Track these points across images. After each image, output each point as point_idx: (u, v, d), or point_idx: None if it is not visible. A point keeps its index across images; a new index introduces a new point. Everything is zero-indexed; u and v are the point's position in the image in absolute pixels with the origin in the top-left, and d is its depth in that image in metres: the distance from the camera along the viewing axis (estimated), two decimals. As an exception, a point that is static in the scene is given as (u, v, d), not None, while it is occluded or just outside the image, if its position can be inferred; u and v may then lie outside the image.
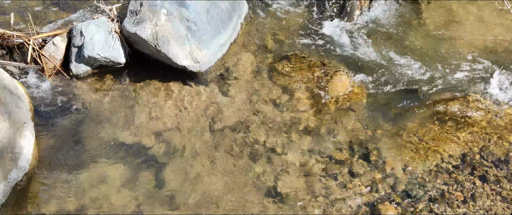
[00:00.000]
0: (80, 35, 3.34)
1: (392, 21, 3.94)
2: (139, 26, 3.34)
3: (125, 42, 3.46)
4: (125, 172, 2.99)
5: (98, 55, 3.33)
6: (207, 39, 3.47)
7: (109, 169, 3.00)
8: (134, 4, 3.43)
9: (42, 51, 3.27)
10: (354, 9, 3.98)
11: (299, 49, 3.70)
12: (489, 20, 3.95)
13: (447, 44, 3.77)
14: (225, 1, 3.60)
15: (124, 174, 2.98)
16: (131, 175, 2.98)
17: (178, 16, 3.37)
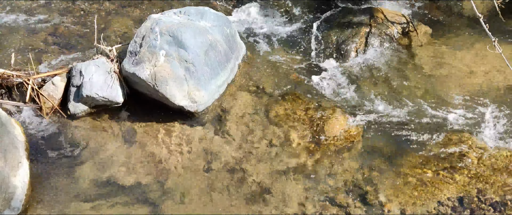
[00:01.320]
0: (79, 75, 3.39)
1: (387, 64, 4.02)
2: (138, 67, 3.39)
3: (123, 82, 3.51)
4: (121, 213, 2.94)
5: (97, 94, 3.37)
6: (205, 80, 3.52)
7: (105, 209, 2.96)
8: (134, 45, 3.50)
9: (41, 91, 3.30)
10: (349, 51, 4.07)
11: (296, 90, 3.75)
12: (480, 62, 4.03)
13: (441, 86, 3.83)
14: (223, 43, 3.68)
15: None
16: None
17: (177, 57, 3.44)
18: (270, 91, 3.74)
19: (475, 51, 4.14)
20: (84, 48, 3.88)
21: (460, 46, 4.21)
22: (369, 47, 4.11)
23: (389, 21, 4.27)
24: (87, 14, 4.26)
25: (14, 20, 4.08)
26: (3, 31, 3.95)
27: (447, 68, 3.99)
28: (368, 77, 3.88)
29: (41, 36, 3.96)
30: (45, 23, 4.09)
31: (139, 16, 4.29)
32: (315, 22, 4.40)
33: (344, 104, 3.65)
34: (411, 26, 4.30)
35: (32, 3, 4.29)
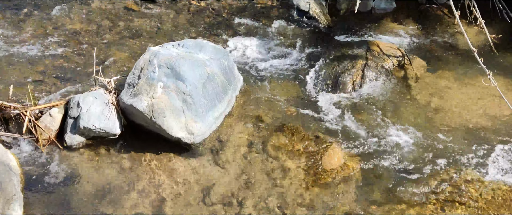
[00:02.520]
0: (77, 107, 3.39)
1: (384, 96, 4.05)
2: (136, 98, 3.41)
3: (121, 113, 3.51)
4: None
5: (94, 126, 3.36)
6: (203, 112, 3.53)
7: (97, 244, 2.90)
8: (132, 77, 3.53)
9: (38, 122, 3.30)
10: (346, 83, 4.10)
11: (293, 122, 3.76)
12: (477, 95, 4.07)
13: (438, 119, 3.85)
14: (221, 76, 3.71)
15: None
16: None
17: (175, 89, 3.46)
18: (267, 123, 3.74)
19: (470, 84, 4.19)
20: (83, 79, 3.91)
21: (456, 79, 4.26)
22: (366, 79, 4.16)
23: (385, 54, 4.34)
24: (86, 46, 4.31)
25: (13, 52, 4.13)
26: (1, 63, 3.98)
27: (444, 101, 4.02)
28: (365, 110, 3.90)
29: (40, 68, 3.99)
30: (44, 54, 4.13)
31: (138, 48, 4.34)
32: (312, 55, 4.46)
33: (342, 137, 3.65)
34: (407, 59, 4.36)
35: (31, 36, 4.35)
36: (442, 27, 4.96)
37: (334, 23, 4.97)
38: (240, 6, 5.07)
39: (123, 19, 4.71)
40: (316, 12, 4.96)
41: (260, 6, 5.09)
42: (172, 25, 4.72)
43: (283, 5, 5.05)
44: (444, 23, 5.01)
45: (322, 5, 5.10)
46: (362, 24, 4.99)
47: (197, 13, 4.92)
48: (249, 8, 5.06)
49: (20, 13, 4.61)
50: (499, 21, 4.85)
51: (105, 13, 4.77)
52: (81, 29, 4.50)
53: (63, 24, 4.54)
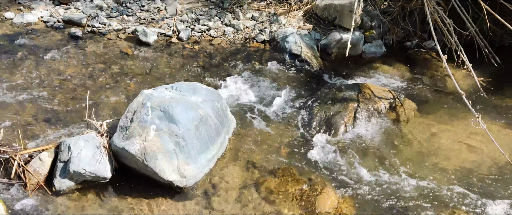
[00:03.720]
0: (67, 150, 3.35)
1: (376, 138, 4.07)
2: (128, 141, 3.38)
3: (112, 157, 3.47)
4: None
5: (84, 170, 3.31)
6: (195, 154, 3.51)
7: None
8: (125, 120, 3.52)
9: (27, 167, 3.25)
10: (338, 125, 4.13)
11: (286, 165, 3.74)
12: (466, 137, 4.11)
13: (430, 161, 3.85)
14: (214, 118, 3.71)
15: None
16: None
17: (168, 132, 3.44)
18: (260, 166, 3.71)
19: (460, 126, 4.23)
20: (75, 123, 3.89)
21: (446, 121, 4.31)
22: (358, 121, 4.19)
23: (376, 96, 4.40)
24: (80, 89, 4.32)
25: (6, 95, 4.12)
26: (-6, 107, 3.97)
27: (435, 142, 4.05)
28: (358, 152, 3.90)
29: (31, 111, 3.97)
30: (37, 98, 4.13)
31: (132, 92, 4.36)
32: (304, 97, 4.51)
33: (335, 179, 3.63)
34: (398, 102, 4.42)
35: (25, 79, 4.36)
36: (430, 70, 5.08)
37: (325, 66, 5.07)
38: (233, 50, 5.17)
39: (117, 63, 4.76)
40: (308, 55, 5.06)
41: (253, 50, 5.20)
42: (166, 68, 4.77)
43: (276, 49, 5.15)
44: (433, 66, 5.14)
45: (314, 49, 5.22)
46: (353, 67, 5.09)
47: (190, 57, 5.00)
48: (242, 51, 5.16)
49: (15, 57, 4.64)
50: (486, 65, 4.98)
51: (100, 57, 4.82)
52: (75, 73, 4.53)
53: (57, 68, 4.57)
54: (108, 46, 5.00)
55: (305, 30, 5.48)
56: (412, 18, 5.49)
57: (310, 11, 5.68)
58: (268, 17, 5.69)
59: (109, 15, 5.49)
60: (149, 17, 5.55)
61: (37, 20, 5.25)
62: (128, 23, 5.39)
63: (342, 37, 5.22)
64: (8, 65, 4.51)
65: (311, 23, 5.59)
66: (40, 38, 4.98)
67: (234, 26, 5.51)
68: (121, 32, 5.25)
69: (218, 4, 5.90)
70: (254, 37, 5.38)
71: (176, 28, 5.37)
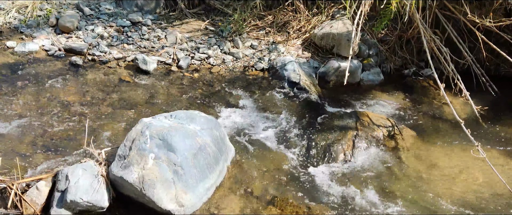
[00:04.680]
0: (65, 179, 3.33)
1: (375, 167, 4.05)
2: (126, 170, 3.37)
3: (110, 185, 3.44)
4: None
5: (81, 199, 3.28)
6: (193, 183, 3.48)
7: None
8: (123, 149, 3.51)
9: (24, 196, 3.22)
10: (337, 153, 4.12)
11: (285, 194, 3.70)
12: (467, 166, 4.09)
13: (430, 189, 3.83)
14: (212, 146, 3.71)
15: None
16: None
17: (166, 160, 3.43)
18: (259, 194, 3.68)
19: (459, 155, 4.22)
20: (73, 151, 3.87)
21: (445, 149, 4.31)
22: (357, 149, 4.18)
23: (375, 124, 4.41)
24: (79, 117, 4.33)
25: (5, 124, 4.12)
26: (-7, 135, 3.97)
27: (434, 171, 4.03)
28: (357, 180, 3.88)
29: (29, 140, 3.96)
30: (35, 126, 4.13)
31: (130, 120, 4.37)
32: (303, 125, 4.52)
33: (334, 208, 3.59)
34: (396, 130, 4.43)
35: (24, 108, 4.37)
36: (428, 98, 5.11)
37: (324, 94, 5.10)
38: (232, 78, 5.21)
39: (116, 91, 4.79)
40: (307, 83, 5.10)
41: (251, 78, 5.24)
42: (165, 96, 4.80)
43: (275, 77, 5.20)
44: (431, 94, 5.18)
45: (312, 77, 5.26)
46: (351, 95, 5.12)
47: (190, 84, 5.03)
48: (241, 79, 5.20)
49: (15, 85, 4.67)
50: (484, 93, 5.02)
51: (99, 84, 4.86)
52: (74, 101, 4.55)
53: (57, 96, 4.59)
54: (108, 74, 5.04)
55: (304, 58, 5.54)
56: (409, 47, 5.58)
57: (309, 39, 5.77)
58: (267, 45, 5.76)
59: (110, 44, 5.56)
60: (149, 46, 5.62)
61: (39, 49, 5.31)
62: (128, 52, 5.46)
63: (340, 65, 5.28)
64: (8, 93, 4.54)
65: (310, 51, 5.66)
66: (41, 66, 5.03)
67: (233, 55, 5.58)
68: (122, 60, 5.30)
69: (218, 32, 5.99)
70: (253, 65, 5.43)
71: (176, 56, 5.43)
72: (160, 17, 6.30)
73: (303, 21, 5.92)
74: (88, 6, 6.20)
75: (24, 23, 5.72)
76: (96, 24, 5.87)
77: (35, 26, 5.68)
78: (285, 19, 6.02)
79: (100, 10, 6.23)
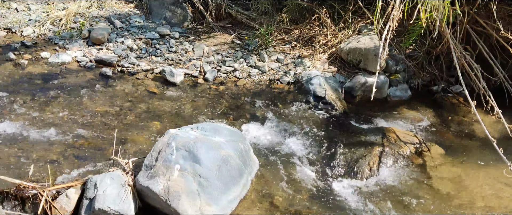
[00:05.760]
0: (94, 188, 3.40)
1: (402, 183, 3.97)
2: (152, 180, 3.41)
3: (136, 195, 3.49)
4: None
5: (109, 208, 3.33)
6: (217, 195, 3.49)
7: None
8: (150, 159, 3.56)
9: (54, 203, 3.30)
10: (363, 169, 4.06)
11: (309, 208, 3.67)
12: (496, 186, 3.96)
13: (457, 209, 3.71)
14: (237, 159, 3.72)
15: None
16: None
17: (191, 172, 3.46)
18: (282, 209, 3.66)
19: (490, 174, 4.09)
20: (102, 160, 3.96)
21: (475, 168, 4.18)
22: (383, 166, 4.11)
23: (402, 141, 4.33)
24: (107, 127, 4.43)
25: (38, 132, 4.25)
26: (26, 143, 4.09)
27: (463, 190, 3.92)
28: (383, 197, 3.81)
29: (60, 148, 4.07)
30: (66, 135, 4.25)
31: (157, 130, 4.44)
32: (328, 140, 4.48)
33: (360, 226, 3.53)
34: (424, 147, 4.34)
35: (55, 117, 4.50)
36: (458, 115, 5.00)
37: (350, 109, 5.05)
38: (257, 91, 5.24)
39: (144, 102, 4.88)
40: (332, 98, 5.07)
41: (277, 91, 5.25)
42: (191, 108, 4.86)
43: (300, 90, 5.19)
44: (460, 111, 5.06)
45: (338, 91, 5.23)
46: (377, 111, 5.06)
47: (215, 97, 5.08)
48: (266, 92, 5.22)
49: (48, 95, 4.83)
50: (517, 111, 4.87)
51: (127, 95, 4.96)
52: (103, 111, 4.66)
53: (87, 106, 4.72)
54: (136, 85, 5.15)
55: (330, 72, 5.52)
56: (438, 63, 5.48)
57: (335, 54, 5.75)
58: (293, 59, 5.78)
59: (139, 56, 5.69)
60: (176, 58, 5.72)
61: (71, 60, 5.49)
62: (156, 64, 5.57)
63: (366, 80, 5.23)
64: (41, 102, 4.69)
65: (336, 66, 5.64)
66: (73, 77, 5.18)
67: (259, 68, 5.61)
68: (150, 72, 5.41)
69: (244, 46, 6.05)
70: (278, 79, 5.45)
71: (202, 69, 5.51)
72: (188, 31, 6.42)
73: (330, 35, 5.91)
74: (119, 19, 6.38)
75: (58, 35, 5.93)
76: (126, 36, 6.02)
77: (68, 38, 5.88)
78: (312, 33, 6.03)
79: (130, 23, 6.40)
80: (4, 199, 3.27)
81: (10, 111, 4.47)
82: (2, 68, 5.17)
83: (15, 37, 5.85)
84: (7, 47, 5.58)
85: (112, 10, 6.69)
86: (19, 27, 6.02)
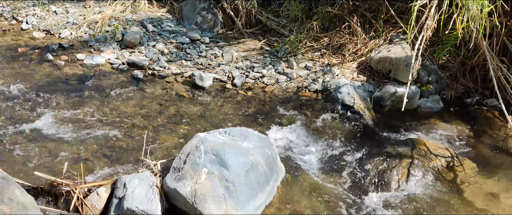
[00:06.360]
0: (123, 187, 3.47)
1: (432, 198, 3.87)
2: (180, 183, 3.45)
3: (163, 196, 3.54)
4: None
5: (137, 208, 3.39)
6: (244, 200, 3.50)
7: None
8: (178, 161, 3.61)
9: (85, 200, 3.39)
10: (391, 181, 3.98)
11: (335, 218, 3.63)
12: (535, 204, 3.81)
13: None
14: (264, 165, 3.72)
15: None
16: None
17: (218, 176, 3.48)
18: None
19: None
20: (131, 161, 4.04)
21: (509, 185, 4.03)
22: (412, 178, 4.02)
23: (432, 153, 4.23)
24: (137, 129, 4.52)
25: (72, 130, 4.39)
26: (61, 141, 4.23)
27: (497, 207, 3.78)
28: (411, 210, 3.72)
29: (92, 148, 4.18)
30: (97, 135, 4.36)
31: (185, 134, 4.50)
32: (355, 150, 4.42)
33: (387, 238, 3.46)
34: (456, 161, 4.22)
35: (89, 116, 4.63)
36: (492, 129, 4.84)
37: (378, 119, 4.98)
38: (285, 98, 5.24)
39: (173, 105, 4.96)
40: (361, 107, 5.01)
41: (304, 99, 5.23)
42: (218, 113, 4.90)
43: (328, 99, 5.16)
44: (495, 125, 4.90)
45: (367, 100, 5.17)
46: (407, 122, 4.96)
47: (243, 102, 5.11)
48: (294, 100, 5.21)
49: (82, 95, 4.98)
50: (555, 127, 4.68)
51: (157, 98, 5.06)
52: (133, 112, 4.76)
53: (118, 107, 4.83)
54: (166, 88, 5.25)
55: (359, 81, 5.47)
56: (473, 74, 5.34)
57: (364, 63, 5.69)
58: (322, 67, 5.75)
59: (169, 60, 5.79)
60: (206, 63, 5.79)
61: (105, 62, 5.64)
62: (186, 68, 5.65)
63: (396, 90, 5.15)
64: (75, 102, 4.84)
65: (365, 75, 5.58)
66: (106, 78, 5.32)
67: (287, 75, 5.62)
68: (179, 76, 5.50)
69: (273, 52, 6.06)
70: (306, 86, 5.43)
71: (231, 74, 5.56)
72: (218, 36, 6.49)
73: (360, 44, 5.86)
74: (151, 23, 6.52)
75: (93, 38, 6.11)
76: (158, 40, 6.15)
77: (103, 41, 6.05)
78: (341, 41, 5.99)
79: (162, 27, 6.53)
80: (39, 194, 3.38)
81: (47, 110, 4.64)
82: (41, 68, 5.37)
83: (53, 39, 6.06)
84: (45, 48, 5.80)
85: (145, 14, 6.85)
86: (57, 29, 6.24)
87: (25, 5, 6.69)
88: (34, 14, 6.50)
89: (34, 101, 4.74)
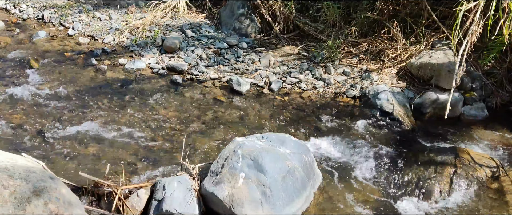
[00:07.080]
0: (162, 190, 3.55)
1: (475, 209, 3.72)
2: (217, 187, 3.49)
3: (201, 200, 3.59)
4: None
5: (175, 210, 3.46)
6: (280, 206, 3.49)
7: None
8: (216, 165, 3.66)
9: (126, 201, 3.49)
10: (432, 191, 3.87)
11: (373, 227, 3.56)
12: None
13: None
14: (301, 171, 3.71)
15: None
16: None
17: (255, 181, 3.50)
18: (345, 225, 3.58)
19: None
20: (170, 164, 4.13)
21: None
22: (455, 188, 3.89)
23: (476, 163, 4.07)
24: (176, 132, 4.61)
25: (114, 133, 4.54)
26: (104, 143, 4.38)
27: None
28: (454, 222, 3.60)
29: (133, 150, 4.31)
30: (138, 137, 4.49)
31: (222, 138, 4.55)
32: (394, 158, 4.33)
33: (428, 250, 3.36)
34: (502, 171, 4.05)
35: (130, 119, 4.77)
36: (542, 139, 4.61)
37: (418, 127, 4.85)
38: (322, 103, 5.20)
39: (211, 109, 5.03)
40: (400, 114, 4.90)
41: (342, 105, 5.18)
42: (255, 117, 4.92)
43: (366, 105, 5.08)
44: (545, 135, 4.67)
45: (407, 107, 5.05)
46: (449, 130, 4.81)
47: (280, 108, 5.11)
48: (331, 105, 5.16)
49: (124, 99, 5.14)
50: None
51: (196, 103, 5.14)
52: (172, 116, 4.87)
53: (158, 111, 4.95)
54: (204, 93, 5.33)
55: (398, 88, 5.35)
56: (519, 81, 5.12)
57: (404, 69, 5.57)
58: (360, 73, 5.67)
59: (208, 65, 5.89)
60: (243, 68, 5.84)
61: (145, 67, 5.80)
62: (224, 73, 5.72)
63: (438, 97, 5.00)
64: (117, 106, 5.00)
65: (405, 81, 5.45)
66: (146, 83, 5.47)
67: (324, 80, 5.57)
68: (217, 80, 5.57)
69: (310, 58, 6.04)
70: (344, 92, 5.37)
71: (268, 79, 5.57)
72: (255, 41, 6.54)
73: (400, 49, 5.74)
74: (190, 29, 6.65)
75: (134, 43, 6.30)
76: (196, 45, 6.26)
77: (143, 46, 6.23)
78: (380, 47, 5.89)
79: (200, 32, 6.65)
80: (83, 194, 3.51)
81: (90, 112, 4.82)
82: (85, 72, 5.59)
83: (97, 44, 6.30)
84: (90, 53, 6.04)
85: (185, 20, 6.99)
86: (101, 35, 6.48)
87: (72, 12, 6.99)
88: (79, 21, 6.78)
89: (79, 104, 4.95)
